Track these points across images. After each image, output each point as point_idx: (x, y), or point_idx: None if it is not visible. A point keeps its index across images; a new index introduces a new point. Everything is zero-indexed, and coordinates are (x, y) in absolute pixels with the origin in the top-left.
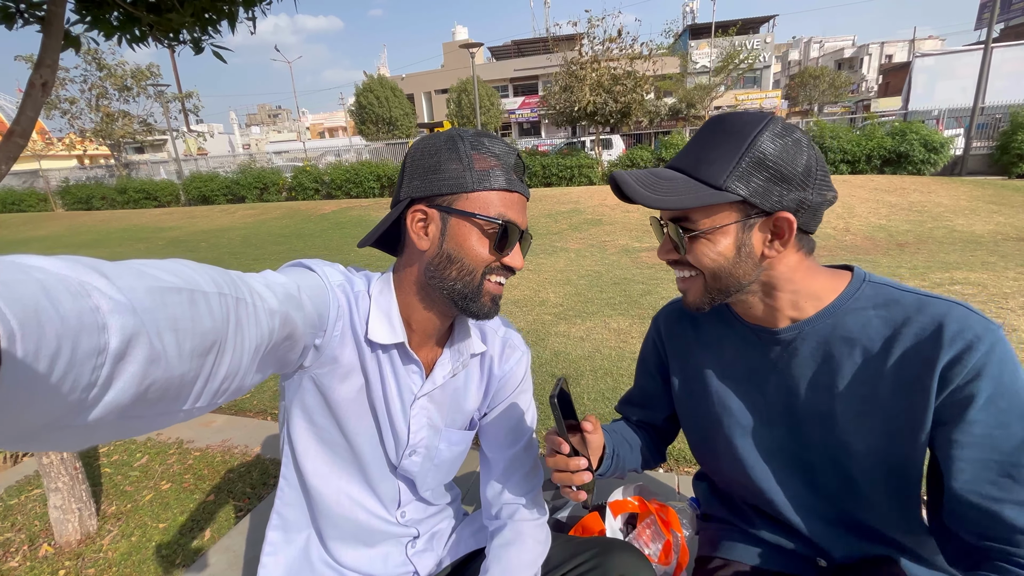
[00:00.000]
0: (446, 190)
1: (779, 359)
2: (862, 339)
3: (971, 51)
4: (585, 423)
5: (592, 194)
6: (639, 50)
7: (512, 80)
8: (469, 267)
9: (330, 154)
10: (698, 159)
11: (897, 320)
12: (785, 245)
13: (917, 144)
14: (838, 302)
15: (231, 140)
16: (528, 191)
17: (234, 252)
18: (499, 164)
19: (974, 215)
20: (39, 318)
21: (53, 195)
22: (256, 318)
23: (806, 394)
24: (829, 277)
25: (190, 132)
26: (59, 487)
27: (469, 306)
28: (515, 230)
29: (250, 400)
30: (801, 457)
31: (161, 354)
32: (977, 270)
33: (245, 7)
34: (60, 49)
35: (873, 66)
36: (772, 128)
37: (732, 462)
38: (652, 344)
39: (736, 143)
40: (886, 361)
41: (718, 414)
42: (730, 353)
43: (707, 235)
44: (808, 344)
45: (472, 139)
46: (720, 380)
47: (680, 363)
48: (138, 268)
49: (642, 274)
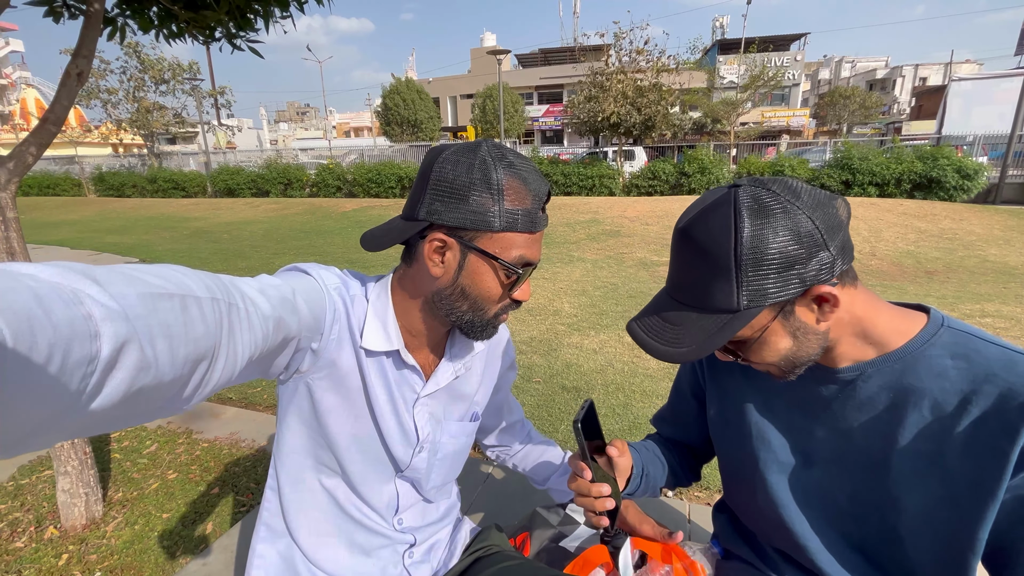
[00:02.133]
0: (470, 225)
1: (834, 398)
2: (934, 390)
3: (1011, 76)
4: (611, 448)
5: (612, 205)
6: (666, 63)
7: (537, 88)
8: (482, 305)
9: (354, 153)
10: (695, 290)
11: (978, 375)
12: (837, 305)
13: (950, 170)
14: (910, 346)
15: (259, 135)
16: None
17: (255, 245)
18: (530, 200)
19: (1008, 245)
20: (31, 326)
21: (87, 181)
22: (249, 323)
23: (859, 440)
24: (898, 317)
25: (221, 126)
26: (68, 471)
27: (474, 333)
28: (530, 270)
29: (260, 394)
30: (841, 505)
31: (152, 361)
32: (1010, 303)
33: (280, 6)
34: (97, 41)
35: (906, 88)
36: (747, 223)
37: (764, 500)
38: (691, 366)
39: (720, 264)
40: (959, 419)
41: (755, 447)
42: (777, 385)
43: (756, 343)
44: (869, 387)
45: (506, 167)
46: (761, 412)
47: (719, 389)
48: (129, 274)
49: (659, 288)
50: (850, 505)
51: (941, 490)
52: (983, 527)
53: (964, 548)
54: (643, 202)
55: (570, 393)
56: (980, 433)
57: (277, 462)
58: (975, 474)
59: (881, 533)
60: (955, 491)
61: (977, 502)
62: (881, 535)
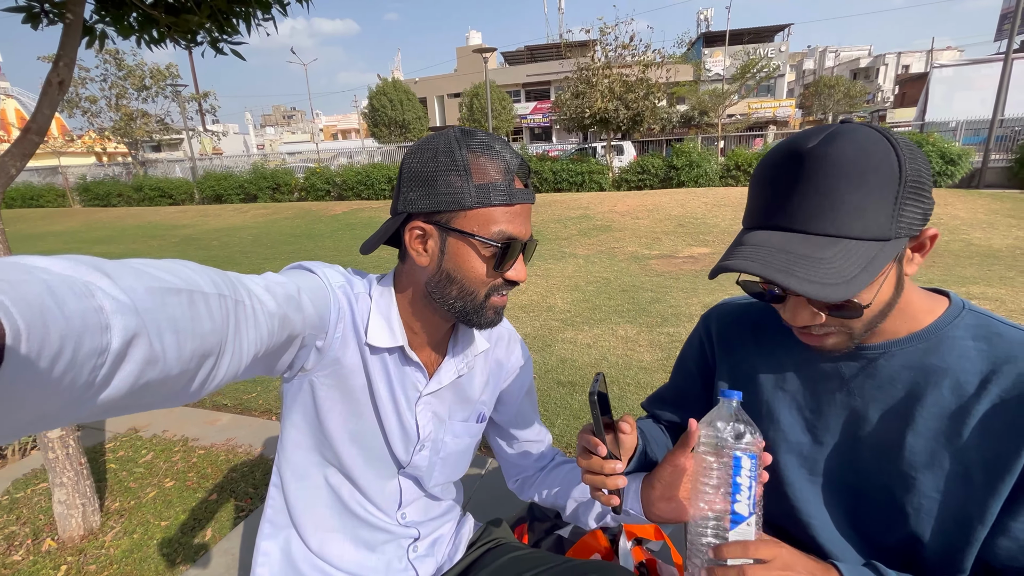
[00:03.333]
0: (444, 207)
1: (853, 377)
2: (955, 371)
3: (991, 62)
4: (623, 423)
5: (602, 200)
6: (652, 57)
7: (524, 85)
8: (470, 288)
9: (342, 156)
10: (840, 214)
11: (999, 357)
12: (924, 256)
13: (935, 155)
14: (935, 326)
15: (246, 140)
16: (533, 195)
17: (245, 251)
18: (500, 173)
19: (992, 229)
20: (44, 318)
21: (71, 191)
22: (255, 320)
23: (876, 420)
24: (925, 298)
25: (206, 132)
26: (64, 482)
27: (472, 320)
28: (517, 245)
29: (256, 399)
30: (850, 483)
31: (160, 355)
32: (995, 285)
33: (262, 9)
34: (77, 48)
35: (889, 76)
36: (900, 143)
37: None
38: (699, 343)
39: (884, 183)
40: (979, 400)
41: (764, 426)
42: (790, 362)
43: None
44: (891, 366)
45: (470, 143)
46: (773, 389)
47: (730, 367)
48: (138, 268)
49: (651, 282)
50: (858, 483)
51: (955, 468)
52: (996, 501)
53: (974, 523)
54: (633, 196)
55: (565, 388)
56: (999, 412)
57: (281, 459)
58: (993, 451)
59: (888, 511)
60: (969, 468)
61: (992, 479)
62: (887, 513)
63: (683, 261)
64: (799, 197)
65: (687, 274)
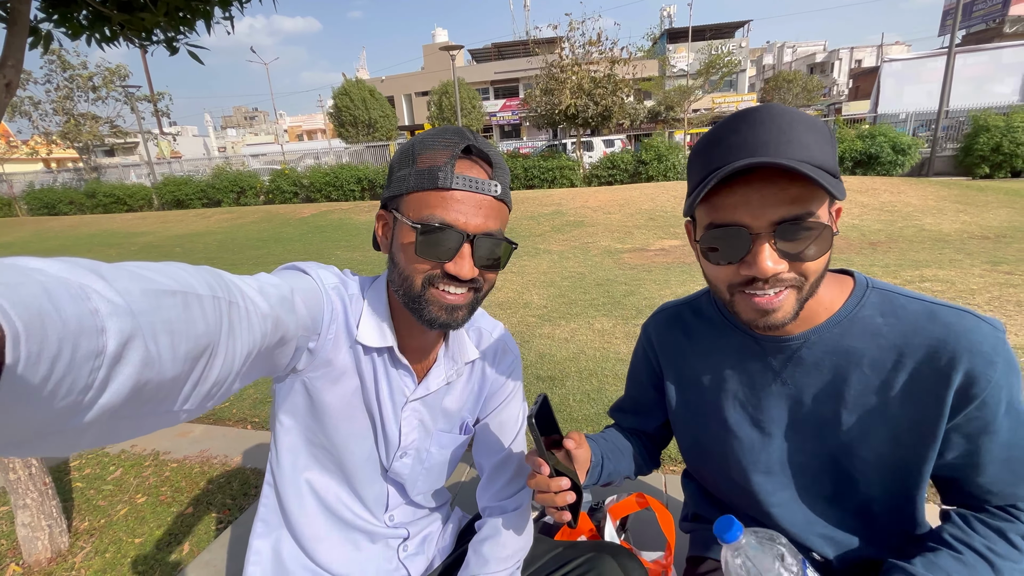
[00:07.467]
0: (393, 192)
1: (782, 368)
2: (871, 349)
3: (936, 56)
4: (568, 440)
5: (574, 196)
6: (619, 54)
7: (493, 83)
8: (405, 273)
9: (309, 157)
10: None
11: (907, 330)
12: (835, 225)
13: (887, 146)
14: (844, 310)
15: (206, 142)
16: (494, 187)
17: (210, 257)
18: (443, 158)
19: (941, 214)
20: (42, 321)
21: (17, 200)
22: (248, 322)
23: (810, 404)
24: (833, 280)
25: (163, 135)
26: (27, 503)
27: (418, 312)
28: (450, 234)
29: (229, 409)
30: (798, 462)
31: (155, 357)
32: (945, 267)
33: (221, 6)
34: (24, 48)
35: (844, 70)
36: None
37: (726, 469)
38: (643, 353)
39: (826, 133)
40: (897, 372)
41: (712, 424)
42: (726, 362)
43: (821, 236)
44: (814, 353)
45: (436, 134)
46: (716, 389)
47: (675, 372)
48: (133, 270)
49: (625, 275)
50: (805, 461)
51: (888, 433)
52: (927, 463)
53: (910, 484)
54: (604, 191)
55: (544, 383)
56: (917, 381)
57: (273, 459)
58: (917, 418)
59: (835, 479)
60: (899, 434)
61: (923, 439)
62: (835, 481)
63: (655, 254)
64: (775, 133)
65: (659, 266)
